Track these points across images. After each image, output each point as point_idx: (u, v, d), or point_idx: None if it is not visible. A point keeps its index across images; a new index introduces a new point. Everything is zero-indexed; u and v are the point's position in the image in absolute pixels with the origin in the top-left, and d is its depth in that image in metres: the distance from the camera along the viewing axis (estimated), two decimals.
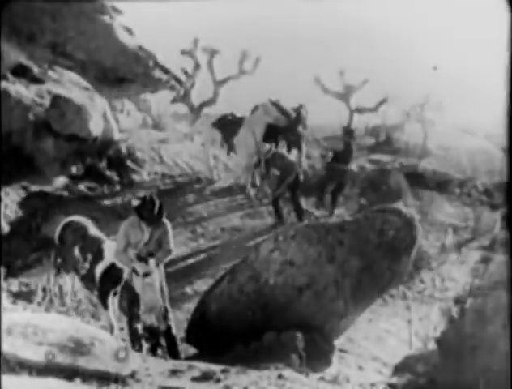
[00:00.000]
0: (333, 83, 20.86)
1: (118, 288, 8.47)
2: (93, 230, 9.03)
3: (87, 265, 8.43)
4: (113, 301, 8.51)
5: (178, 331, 9.02)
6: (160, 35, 24.60)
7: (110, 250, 8.45)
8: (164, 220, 8.46)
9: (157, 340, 8.22)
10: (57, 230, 9.18)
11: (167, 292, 8.62)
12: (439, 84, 22.31)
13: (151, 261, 8.03)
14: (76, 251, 8.72)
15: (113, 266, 8.30)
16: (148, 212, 8.21)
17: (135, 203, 8.45)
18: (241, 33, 25.68)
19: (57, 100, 14.96)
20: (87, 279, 8.65)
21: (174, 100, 21.54)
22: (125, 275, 8.25)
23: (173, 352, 8.42)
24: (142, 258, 8.01)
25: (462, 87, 25.24)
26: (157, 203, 8.31)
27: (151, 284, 8.04)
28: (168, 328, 8.50)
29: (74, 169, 15.32)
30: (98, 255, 8.46)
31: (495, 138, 18.70)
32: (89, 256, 8.54)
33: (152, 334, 8.19)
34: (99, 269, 8.40)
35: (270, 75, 23.34)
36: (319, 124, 22.19)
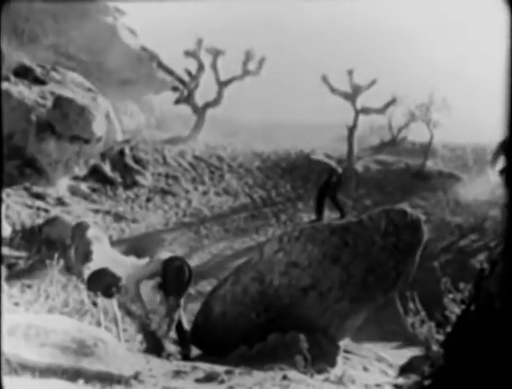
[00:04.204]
0: (339, 83, 20.81)
1: (112, 292, 8.41)
2: (92, 232, 8.98)
3: (89, 265, 8.40)
4: (111, 303, 8.46)
5: None
6: (163, 36, 24.63)
7: (101, 254, 8.41)
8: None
9: (159, 344, 8.17)
10: (70, 232, 9.19)
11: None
12: (443, 84, 22.31)
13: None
14: (72, 252, 8.72)
15: (105, 271, 8.24)
16: (175, 286, 8.09)
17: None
18: (246, 33, 25.68)
19: (59, 101, 14.95)
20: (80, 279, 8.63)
21: (178, 101, 21.53)
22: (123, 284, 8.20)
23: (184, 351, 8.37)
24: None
25: (465, 87, 25.23)
26: (186, 272, 8.18)
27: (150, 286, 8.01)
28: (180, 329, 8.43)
29: (76, 170, 15.31)
30: (86, 256, 8.44)
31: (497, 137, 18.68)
32: (84, 257, 8.51)
33: (154, 338, 8.15)
34: (88, 269, 8.35)
35: (276, 75, 23.34)
36: (324, 123, 22.17)
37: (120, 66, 22.21)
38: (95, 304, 8.26)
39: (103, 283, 8.22)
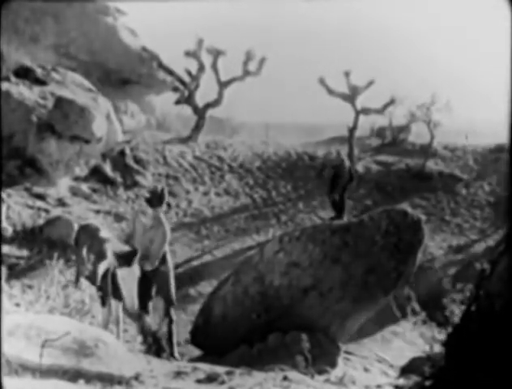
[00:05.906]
0: (339, 84, 20.77)
1: (121, 294, 8.41)
2: (104, 232, 9.01)
3: (89, 266, 8.39)
4: (118, 306, 8.46)
5: (183, 333, 8.99)
6: (163, 36, 24.65)
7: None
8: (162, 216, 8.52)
9: (159, 345, 8.16)
10: (74, 233, 9.20)
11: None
12: (444, 84, 22.35)
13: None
14: (84, 251, 8.70)
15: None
16: (157, 200, 8.50)
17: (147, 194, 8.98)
18: (246, 33, 25.71)
19: (60, 101, 14.93)
20: (91, 280, 8.62)
21: (178, 102, 21.49)
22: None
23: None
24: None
25: (467, 87, 25.24)
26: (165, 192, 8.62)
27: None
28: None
29: (77, 171, 15.30)
30: (101, 254, 8.44)
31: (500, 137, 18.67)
32: (92, 256, 8.51)
33: (155, 339, 8.14)
34: (101, 268, 8.37)
35: (276, 76, 23.34)
36: (324, 124, 22.16)
37: (120, 67, 22.19)
38: (104, 304, 8.27)
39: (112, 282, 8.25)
